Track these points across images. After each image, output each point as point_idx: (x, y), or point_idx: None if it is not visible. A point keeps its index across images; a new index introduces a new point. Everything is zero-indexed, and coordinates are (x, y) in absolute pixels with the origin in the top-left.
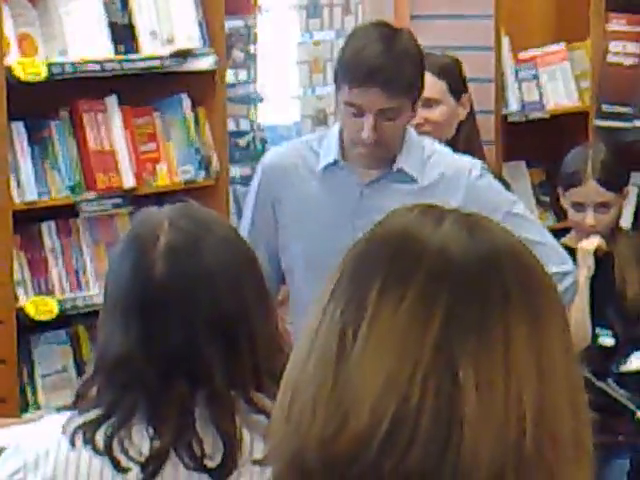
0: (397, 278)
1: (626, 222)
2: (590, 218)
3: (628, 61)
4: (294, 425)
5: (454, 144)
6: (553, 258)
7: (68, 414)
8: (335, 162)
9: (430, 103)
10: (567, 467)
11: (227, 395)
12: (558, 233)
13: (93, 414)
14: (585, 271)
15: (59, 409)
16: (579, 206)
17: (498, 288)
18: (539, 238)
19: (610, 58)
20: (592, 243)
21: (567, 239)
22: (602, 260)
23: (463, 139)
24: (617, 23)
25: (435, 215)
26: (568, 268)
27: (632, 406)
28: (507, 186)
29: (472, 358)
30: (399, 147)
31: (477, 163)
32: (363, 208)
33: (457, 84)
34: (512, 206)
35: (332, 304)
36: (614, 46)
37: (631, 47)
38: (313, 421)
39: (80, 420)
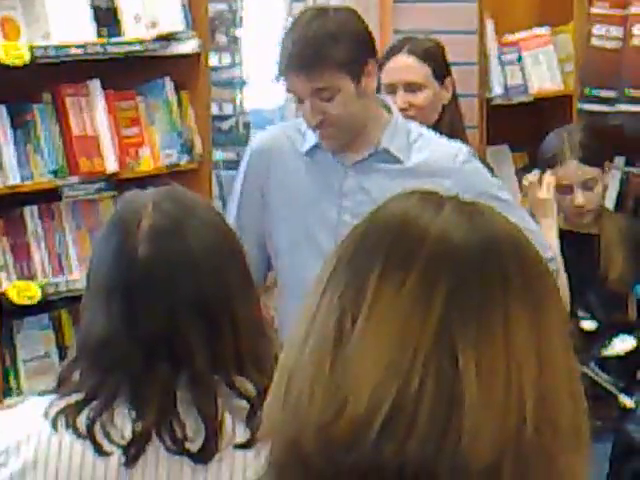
0: (397, 263)
1: (610, 203)
2: (579, 198)
3: (611, 45)
4: (291, 410)
5: (437, 128)
6: (539, 245)
7: (50, 398)
8: (318, 145)
9: (414, 88)
10: (566, 455)
11: (209, 378)
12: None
13: (75, 397)
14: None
15: (42, 394)
16: (564, 188)
17: (498, 273)
18: (523, 224)
19: (594, 42)
20: (548, 189)
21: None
22: (587, 241)
23: (446, 123)
24: (601, 6)
25: (435, 201)
26: (551, 255)
27: (615, 390)
28: (491, 170)
29: (473, 343)
30: (362, 122)
31: (463, 148)
32: (348, 188)
33: (441, 68)
34: (497, 191)
35: (330, 288)
36: (598, 29)
37: (614, 31)
38: (310, 406)
39: (62, 404)
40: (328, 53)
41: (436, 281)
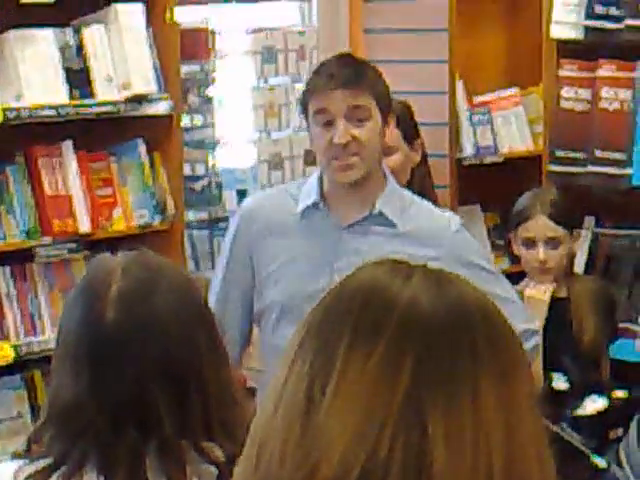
0: (365, 333)
1: (580, 267)
2: (541, 253)
3: (580, 107)
4: (262, 475)
5: (408, 189)
6: (521, 316)
7: (19, 462)
8: (314, 204)
9: (386, 151)
10: None
11: (177, 445)
12: (513, 277)
13: (44, 463)
14: (539, 321)
15: (13, 455)
16: (529, 243)
17: (467, 342)
18: (508, 295)
19: (563, 103)
20: (546, 293)
21: (521, 287)
22: (558, 305)
23: (417, 183)
24: (569, 69)
25: (404, 270)
26: (534, 327)
27: (587, 450)
28: None
29: (441, 412)
30: (375, 167)
31: (455, 218)
32: (342, 250)
33: (410, 131)
34: (485, 263)
35: (300, 356)
36: (566, 92)
37: (583, 93)
38: (281, 470)
39: (31, 469)
40: (370, 77)
41: (404, 350)
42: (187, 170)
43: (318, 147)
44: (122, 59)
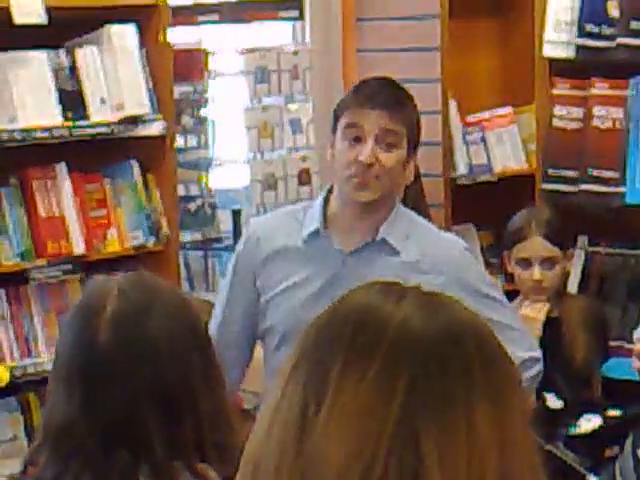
0: (359, 353)
1: (574, 285)
2: (536, 273)
3: (572, 125)
4: None
5: None
6: (525, 344)
7: None
8: (318, 230)
9: None
10: None
11: (170, 466)
12: (508, 295)
13: None
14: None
15: (10, 478)
16: (524, 263)
17: (459, 363)
18: (512, 323)
19: (555, 122)
20: (541, 312)
21: (514, 305)
22: (550, 324)
23: (410, 202)
24: (562, 87)
25: (396, 292)
26: (537, 355)
27: (582, 469)
28: None
29: (434, 433)
30: (390, 195)
31: (459, 243)
32: (345, 277)
33: None
34: (488, 289)
35: (294, 377)
36: (559, 110)
37: (575, 111)
38: None
39: None
40: (408, 106)
41: (397, 372)
42: (181, 191)
43: (340, 162)
44: (115, 80)
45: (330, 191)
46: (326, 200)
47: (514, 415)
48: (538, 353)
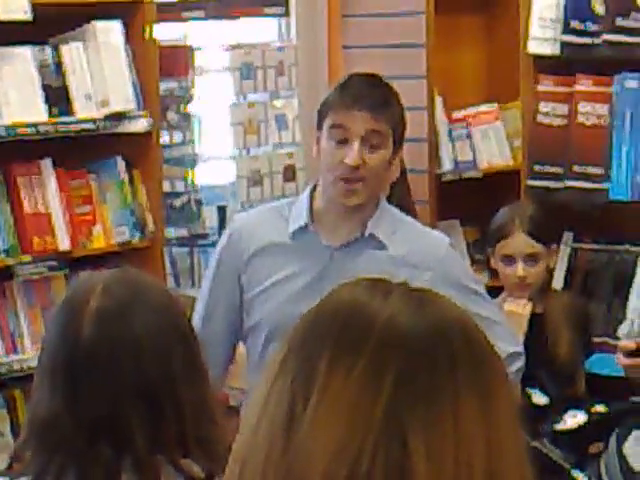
0: (346, 349)
1: (559, 281)
2: (520, 270)
3: (557, 122)
4: None
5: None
6: (508, 338)
7: None
8: (305, 226)
9: None
10: None
11: (152, 460)
12: (492, 291)
13: None
14: (521, 336)
15: None
16: (508, 259)
17: (446, 358)
18: (495, 317)
19: (540, 118)
20: (526, 307)
21: (498, 301)
22: (534, 321)
23: (396, 199)
24: (546, 84)
25: (383, 288)
26: (519, 349)
27: (567, 465)
28: None
29: (421, 428)
30: (376, 194)
31: (444, 240)
32: (333, 272)
33: None
34: (472, 284)
35: (281, 373)
36: (544, 107)
37: (560, 108)
38: None
39: None
40: (394, 105)
41: (384, 367)
42: (166, 187)
43: (326, 163)
44: (101, 76)
45: (315, 188)
46: (312, 196)
47: (501, 410)
48: (520, 348)
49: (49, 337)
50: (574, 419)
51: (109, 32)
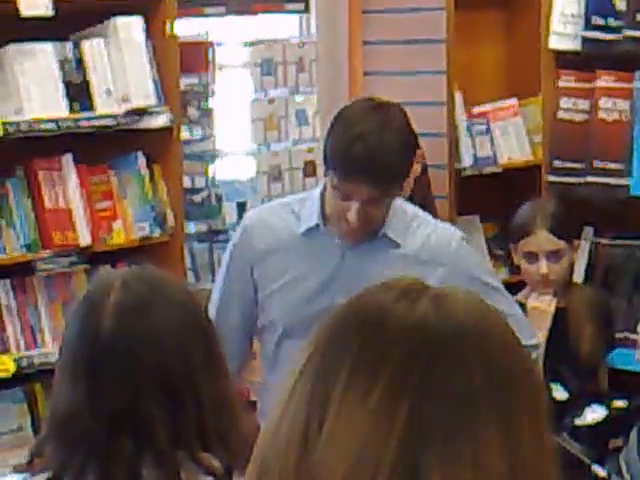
0: (363, 373)
1: (579, 277)
2: (543, 267)
3: (578, 117)
4: None
5: (410, 200)
6: (523, 331)
7: (21, 476)
8: (317, 226)
9: None
10: None
11: (173, 455)
12: (512, 287)
13: (43, 476)
14: (543, 331)
15: (15, 468)
16: (531, 256)
17: (465, 385)
18: (510, 310)
19: (561, 114)
20: (551, 304)
21: (521, 296)
22: (556, 315)
23: (418, 195)
24: (567, 80)
25: (411, 294)
26: (536, 341)
27: (587, 460)
28: None
29: (438, 461)
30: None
31: (457, 233)
32: (345, 270)
33: None
34: (487, 277)
35: (303, 379)
36: (565, 102)
37: (581, 103)
38: None
39: None
40: (396, 166)
41: (400, 394)
42: (187, 182)
43: (329, 204)
44: (122, 72)
45: (326, 188)
46: (322, 199)
47: (524, 436)
48: (536, 340)
49: (70, 332)
50: (594, 414)
51: (130, 28)
